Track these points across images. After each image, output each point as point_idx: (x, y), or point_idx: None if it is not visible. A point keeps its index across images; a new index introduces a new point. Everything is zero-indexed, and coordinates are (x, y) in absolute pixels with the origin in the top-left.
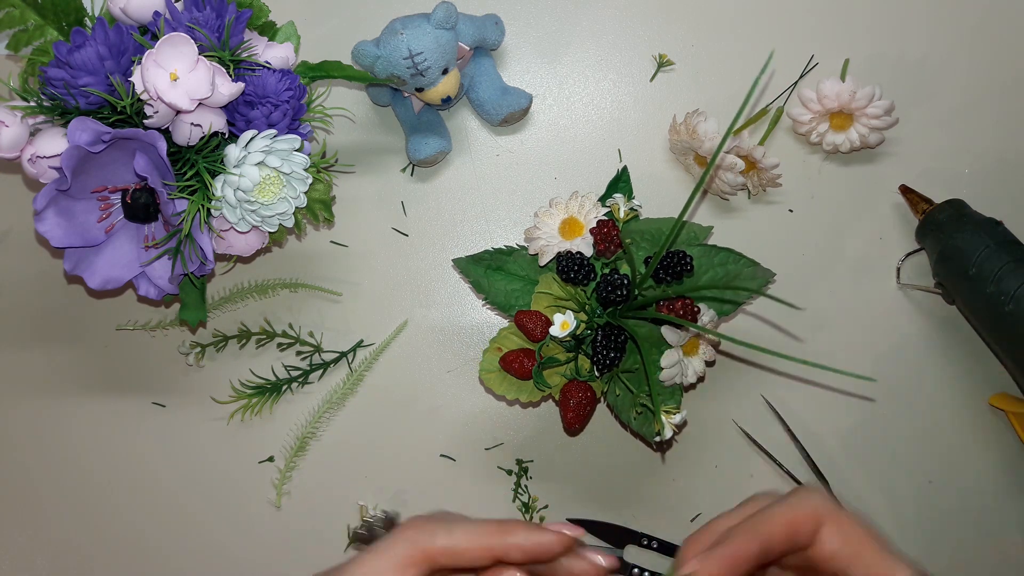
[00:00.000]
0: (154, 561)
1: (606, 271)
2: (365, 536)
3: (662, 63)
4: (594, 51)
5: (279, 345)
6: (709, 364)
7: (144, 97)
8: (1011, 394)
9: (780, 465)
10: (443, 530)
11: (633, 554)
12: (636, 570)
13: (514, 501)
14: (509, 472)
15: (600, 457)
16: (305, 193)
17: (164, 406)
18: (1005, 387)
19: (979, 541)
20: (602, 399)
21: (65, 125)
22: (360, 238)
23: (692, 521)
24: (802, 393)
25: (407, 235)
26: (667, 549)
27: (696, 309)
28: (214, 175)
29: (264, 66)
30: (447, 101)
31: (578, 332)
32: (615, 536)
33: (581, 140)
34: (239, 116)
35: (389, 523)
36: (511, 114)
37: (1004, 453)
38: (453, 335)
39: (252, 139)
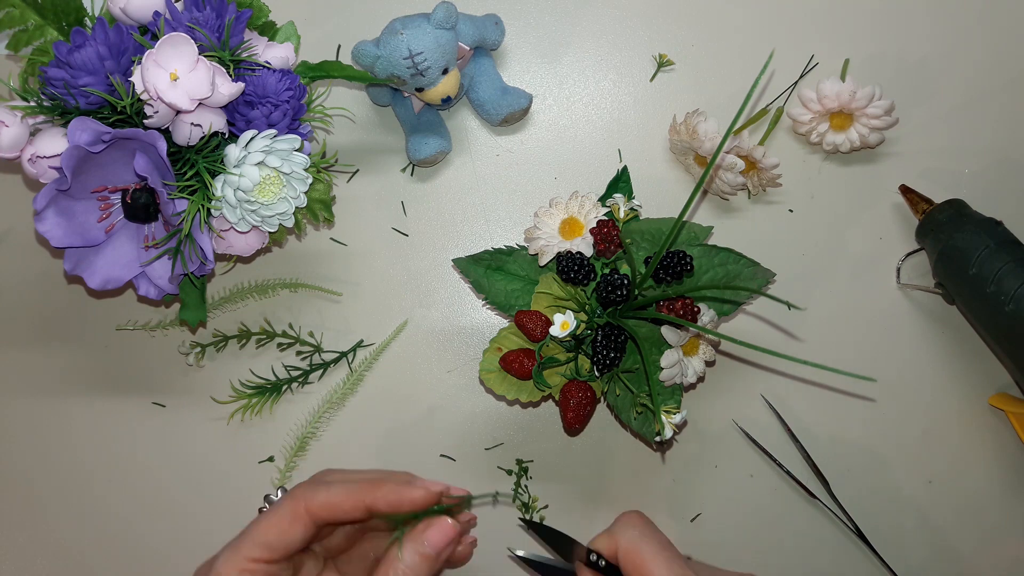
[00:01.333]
0: (154, 561)
1: (606, 271)
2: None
3: (662, 63)
4: (594, 51)
5: (279, 345)
6: (709, 364)
7: (144, 97)
8: (1011, 394)
9: (780, 465)
10: (323, 487)
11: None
12: (593, 556)
13: (514, 501)
14: (509, 472)
15: (600, 457)
16: (305, 193)
17: (164, 406)
18: (1005, 387)
19: (979, 541)
20: (602, 399)
21: (65, 125)
22: (360, 238)
23: (692, 521)
24: (802, 393)
25: (407, 235)
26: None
27: (696, 309)
28: (214, 175)
29: (264, 66)
30: (447, 101)
31: (578, 332)
32: (566, 546)
33: (581, 140)
34: (239, 116)
35: None
36: (511, 114)
37: (1004, 453)
38: (453, 335)
39: (252, 139)
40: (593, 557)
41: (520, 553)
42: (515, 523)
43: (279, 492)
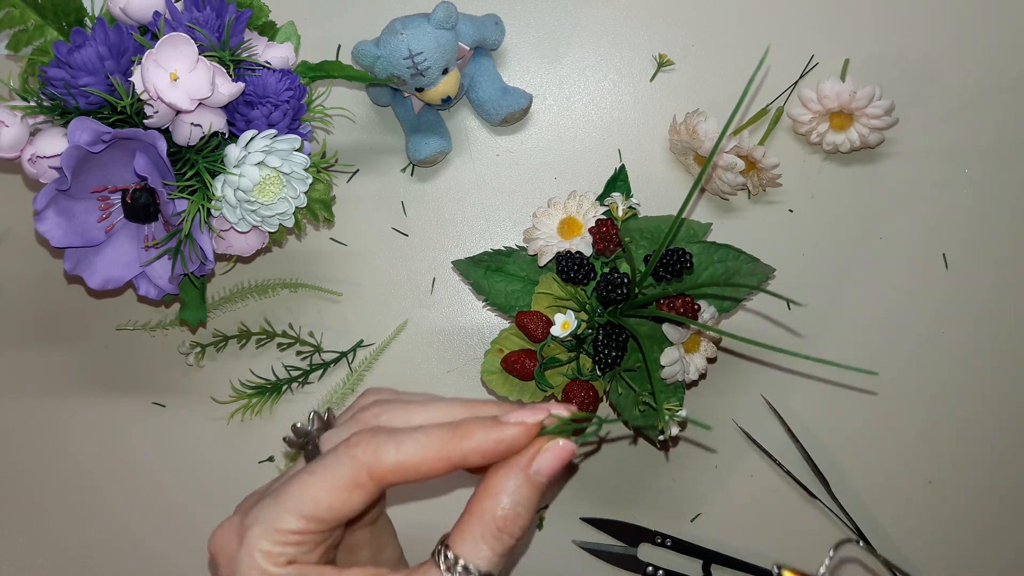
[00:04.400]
0: (154, 561)
1: (606, 270)
2: (301, 443)
3: (662, 63)
4: (594, 51)
5: (279, 345)
6: (711, 360)
7: (144, 97)
8: None
9: (780, 465)
10: (392, 444)
11: (647, 552)
12: (650, 568)
13: None
14: None
15: (599, 457)
16: (305, 193)
17: (164, 406)
18: (1006, 387)
19: (979, 541)
20: (604, 398)
21: (65, 125)
22: (360, 238)
23: (692, 521)
24: (803, 389)
25: (407, 235)
26: (681, 547)
27: (696, 306)
28: (214, 175)
29: (264, 66)
30: (447, 101)
31: (579, 332)
32: (629, 534)
33: (581, 140)
34: (239, 116)
35: (325, 425)
36: (511, 114)
37: (1004, 453)
38: (453, 335)
39: (252, 139)
40: (658, 540)
41: (584, 542)
42: (576, 516)
43: (314, 418)
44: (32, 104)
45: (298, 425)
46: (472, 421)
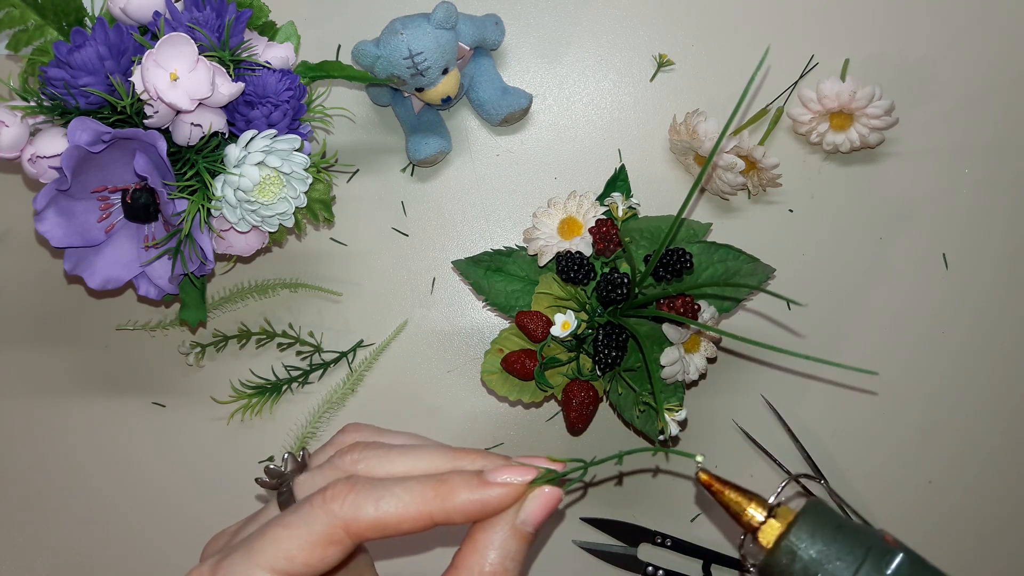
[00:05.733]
0: (154, 561)
1: (606, 270)
2: (274, 484)
3: (662, 63)
4: (594, 51)
5: (279, 345)
6: (711, 360)
7: (144, 97)
8: None
9: (780, 465)
10: (371, 500)
11: (647, 552)
12: (650, 568)
13: None
14: None
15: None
16: (305, 193)
17: (164, 406)
18: (1006, 387)
19: (980, 541)
20: (604, 398)
21: (65, 125)
22: (360, 238)
23: (692, 521)
24: (803, 389)
25: (407, 235)
26: (681, 547)
27: (696, 307)
28: (214, 175)
29: (264, 66)
30: (447, 101)
31: (579, 332)
32: (629, 534)
33: (581, 140)
34: (239, 116)
35: (300, 467)
36: (511, 114)
37: (1004, 453)
38: (453, 335)
39: (252, 139)
40: (658, 540)
41: (584, 542)
42: (576, 516)
43: (288, 460)
44: (32, 104)
45: (271, 466)
46: (456, 478)
